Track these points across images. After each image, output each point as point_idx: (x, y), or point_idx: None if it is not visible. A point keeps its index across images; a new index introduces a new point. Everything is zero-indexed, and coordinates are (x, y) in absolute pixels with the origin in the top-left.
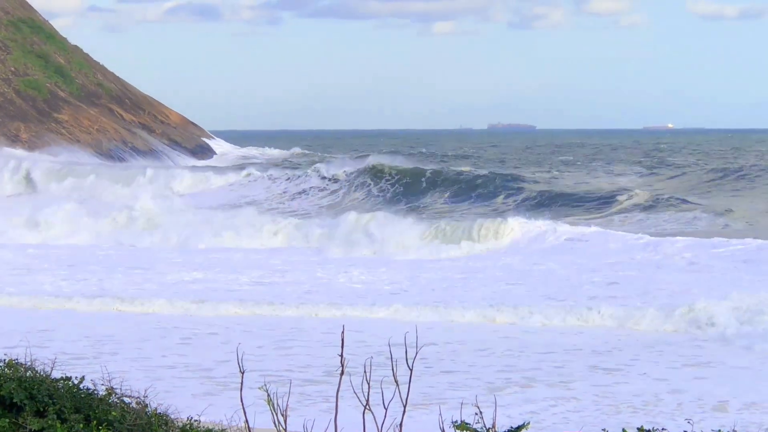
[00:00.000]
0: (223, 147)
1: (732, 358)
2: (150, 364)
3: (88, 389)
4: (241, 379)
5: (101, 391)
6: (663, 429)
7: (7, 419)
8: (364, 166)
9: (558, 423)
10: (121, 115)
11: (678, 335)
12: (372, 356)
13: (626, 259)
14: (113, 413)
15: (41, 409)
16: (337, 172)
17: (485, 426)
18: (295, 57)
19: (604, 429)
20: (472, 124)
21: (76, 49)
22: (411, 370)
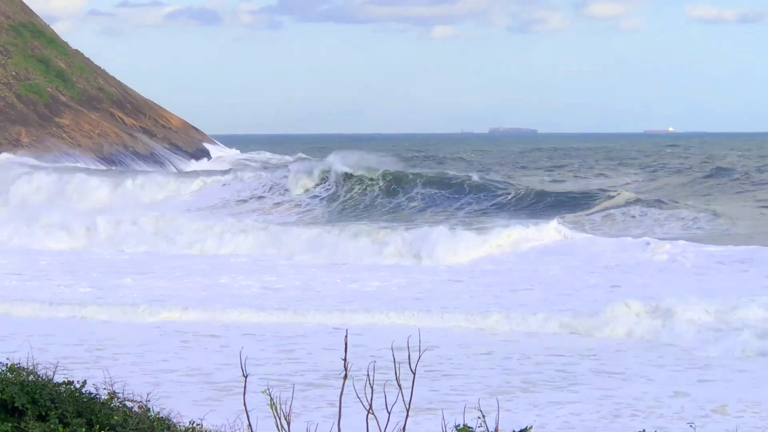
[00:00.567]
0: (222, 152)
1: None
2: (151, 368)
3: (90, 393)
4: (244, 383)
5: (103, 396)
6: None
7: (10, 423)
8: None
9: (561, 428)
10: (122, 120)
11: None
12: (375, 360)
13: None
14: (115, 417)
15: (43, 413)
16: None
17: (488, 429)
18: (295, 61)
19: None
20: (473, 128)
21: (76, 53)
22: (414, 373)
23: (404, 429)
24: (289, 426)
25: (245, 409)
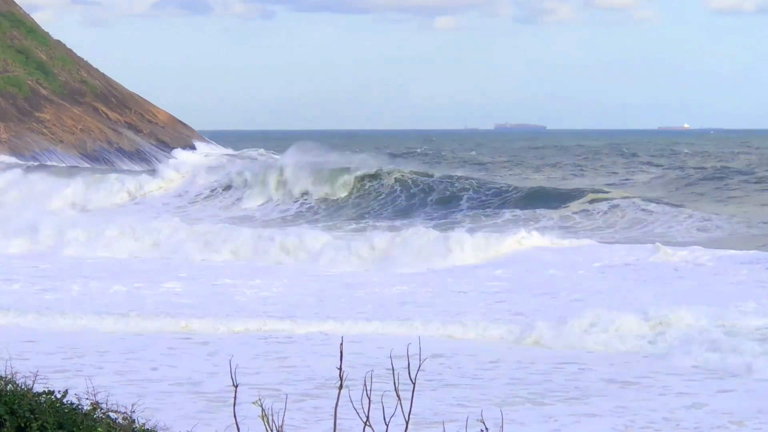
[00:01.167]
0: (211, 149)
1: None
2: (136, 377)
3: (71, 404)
4: (234, 393)
5: (86, 406)
6: None
7: None
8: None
9: None
10: (106, 114)
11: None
12: (373, 369)
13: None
14: (99, 429)
15: (22, 424)
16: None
17: None
18: (289, 53)
19: None
20: (478, 124)
21: (58, 44)
22: (414, 383)
23: None
24: None
25: (235, 421)
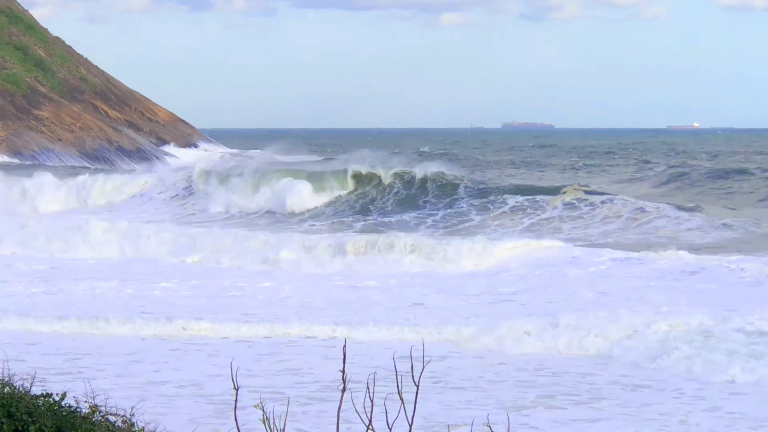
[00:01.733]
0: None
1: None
2: (136, 380)
3: (70, 407)
4: (235, 396)
5: (84, 409)
6: None
7: None
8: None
9: None
10: (106, 112)
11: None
12: (375, 371)
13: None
14: None
15: (20, 428)
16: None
17: None
18: (292, 50)
19: None
20: (485, 123)
21: (57, 40)
22: (417, 386)
23: None
24: None
25: (236, 424)
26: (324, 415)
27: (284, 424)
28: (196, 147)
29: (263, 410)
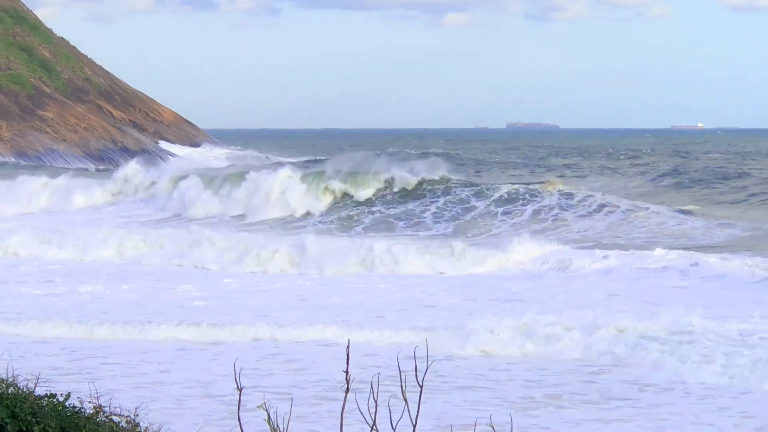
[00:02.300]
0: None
1: None
2: (141, 380)
3: (74, 407)
4: (238, 396)
5: (88, 410)
6: None
7: None
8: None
9: None
10: (110, 113)
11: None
12: (379, 372)
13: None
14: None
15: (24, 428)
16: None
17: None
18: (296, 51)
19: None
20: (490, 123)
21: (61, 41)
22: (421, 386)
23: None
24: None
25: (239, 424)
26: (334, 414)
27: (287, 424)
28: (200, 147)
29: (267, 410)
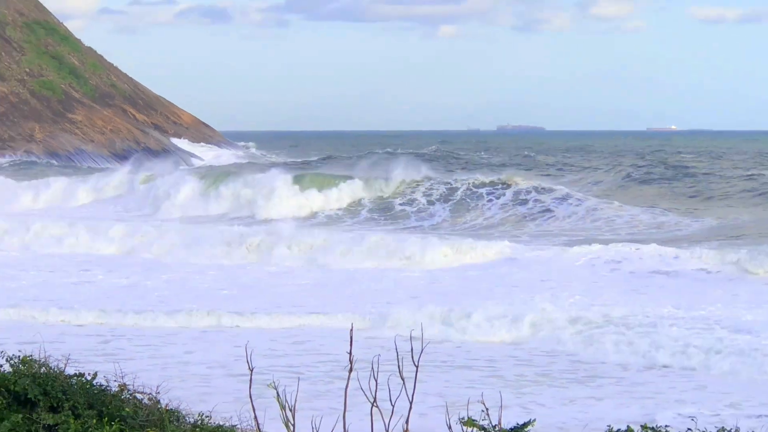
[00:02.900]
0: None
1: None
2: (163, 361)
3: (101, 385)
4: (250, 376)
5: (114, 388)
6: (666, 426)
7: (21, 414)
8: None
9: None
10: (134, 116)
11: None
12: (380, 354)
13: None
14: (126, 409)
15: (55, 404)
16: None
17: (491, 423)
18: (303, 59)
19: (609, 425)
20: (481, 125)
21: (89, 50)
22: (417, 366)
23: (407, 421)
24: (294, 417)
25: (251, 401)
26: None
27: (295, 400)
28: (217, 147)
29: (276, 388)
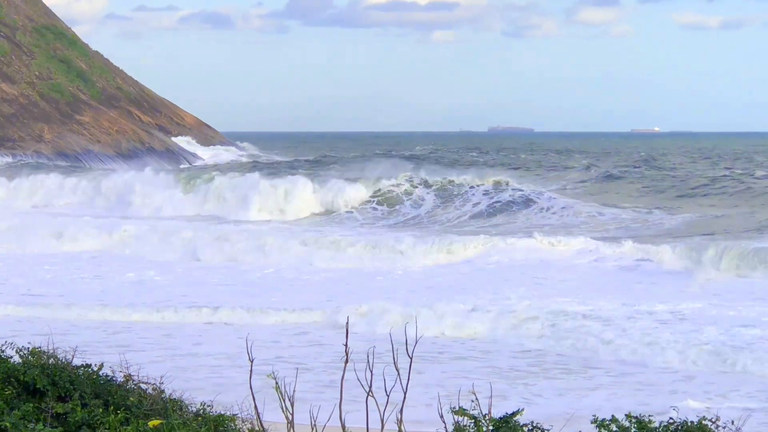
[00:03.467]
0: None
1: None
2: (167, 354)
3: (107, 376)
4: (250, 367)
5: (119, 378)
6: (650, 415)
7: (31, 404)
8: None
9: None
10: (139, 117)
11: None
12: (374, 346)
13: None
14: (131, 399)
15: (63, 394)
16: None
17: (482, 412)
18: (301, 63)
19: (594, 415)
20: (473, 127)
21: (96, 54)
22: (411, 358)
23: (401, 410)
24: (293, 407)
25: (251, 391)
26: (354, 383)
27: (294, 391)
28: (221, 147)
29: (275, 379)
